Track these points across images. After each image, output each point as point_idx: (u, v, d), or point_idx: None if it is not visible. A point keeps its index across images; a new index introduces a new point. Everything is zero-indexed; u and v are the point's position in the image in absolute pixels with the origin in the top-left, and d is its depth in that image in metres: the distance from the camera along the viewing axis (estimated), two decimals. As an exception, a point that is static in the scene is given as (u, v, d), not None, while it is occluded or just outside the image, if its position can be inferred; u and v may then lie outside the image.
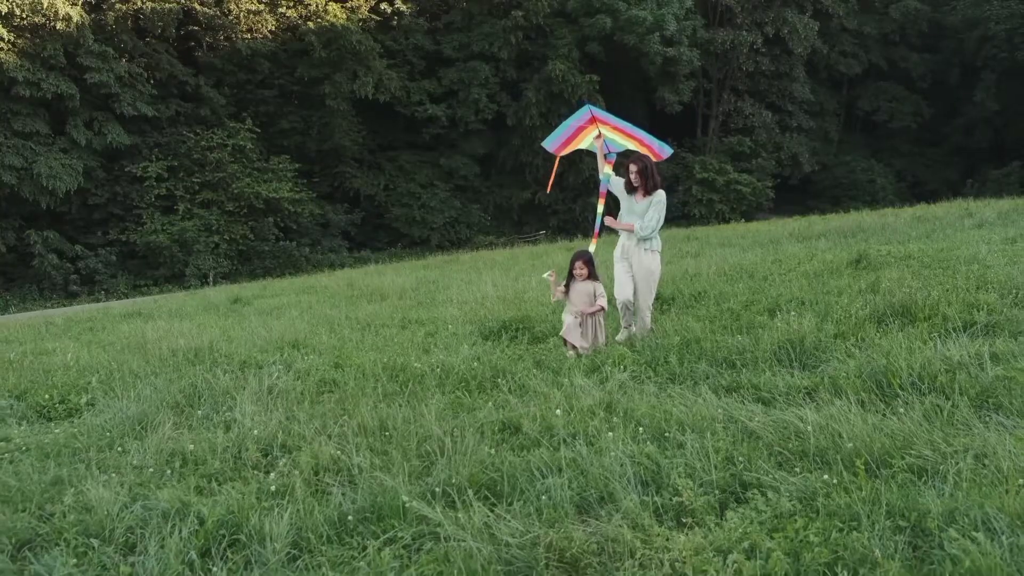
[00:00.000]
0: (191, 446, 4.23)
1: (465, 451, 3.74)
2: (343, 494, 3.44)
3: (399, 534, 3.07)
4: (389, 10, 40.53)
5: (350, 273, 19.91)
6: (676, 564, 2.66)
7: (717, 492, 3.27)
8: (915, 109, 51.43)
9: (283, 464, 3.91)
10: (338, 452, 3.92)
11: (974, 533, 2.61)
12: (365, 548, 3.00)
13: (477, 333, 7.56)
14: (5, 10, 31.41)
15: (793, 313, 6.42)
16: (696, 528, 2.96)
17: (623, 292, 7.23)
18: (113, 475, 3.89)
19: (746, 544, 2.72)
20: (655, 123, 46.62)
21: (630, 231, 7.33)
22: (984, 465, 3.17)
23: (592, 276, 6.98)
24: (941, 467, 3.22)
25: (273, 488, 3.56)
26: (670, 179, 44.96)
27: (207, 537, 3.17)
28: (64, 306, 27.45)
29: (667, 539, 2.85)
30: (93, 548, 3.22)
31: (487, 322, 7.99)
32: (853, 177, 48.67)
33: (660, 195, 7.42)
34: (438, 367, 5.90)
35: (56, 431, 5.22)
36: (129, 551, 3.22)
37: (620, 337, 7.24)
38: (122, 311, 14.13)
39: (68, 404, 5.95)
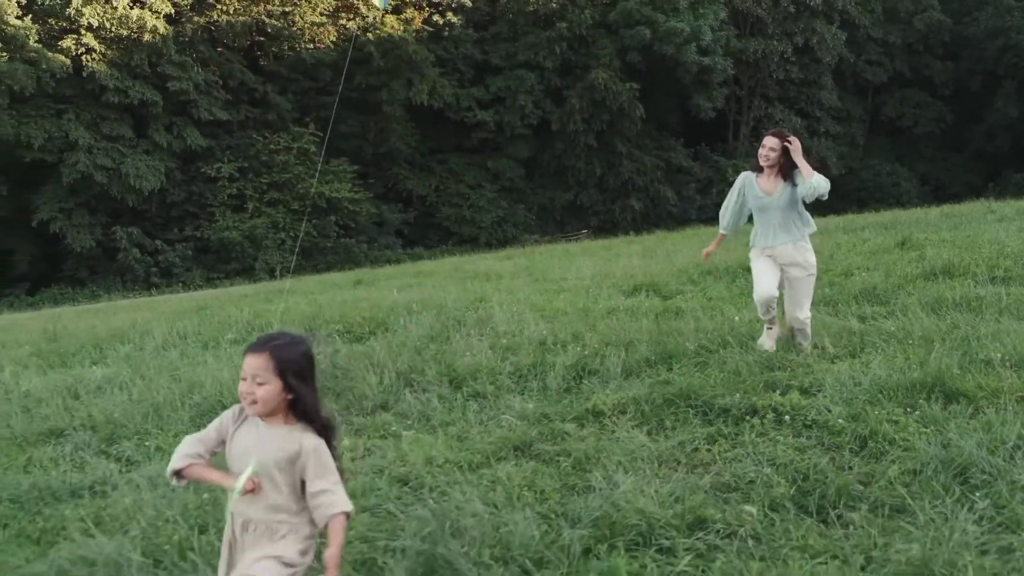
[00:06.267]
0: (504, 340, 6.79)
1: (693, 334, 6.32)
2: (626, 355, 5.97)
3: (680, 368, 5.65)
4: (441, 21, 43.15)
5: (455, 260, 22.46)
6: (835, 376, 5.14)
7: (850, 348, 5.78)
8: (938, 115, 53.65)
9: (573, 346, 6.44)
10: (616, 334, 6.49)
11: (996, 344, 5.12)
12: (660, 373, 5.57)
13: (619, 294, 10.06)
14: (96, 23, 34.30)
15: (864, 273, 8.91)
16: (845, 362, 5.46)
17: (767, 288, 5.95)
18: (467, 352, 6.44)
19: (878, 359, 5.22)
20: (689, 128, 49.13)
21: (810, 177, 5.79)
22: (1001, 335, 5.64)
23: (306, 412, 2.61)
24: (978, 335, 5.70)
25: (586, 353, 6.09)
26: (703, 182, 47.50)
27: (573, 368, 5.71)
28: (161, 295, 30.12)
29: (829, 367, 5.36)
30: (497, 380, 5.75)
31: (621, 286, 10.49)
32: (878, 180, 50.96)
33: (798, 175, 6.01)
34: (615, 308, 8.43)
35: (367, 344, 7.76)
36: (518, 380, 5.77)
37: (766, 344, 6.05)
38: (267, 291, 16.76)
39: (354, 333, 8.51)
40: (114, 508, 3.90)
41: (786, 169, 6.05)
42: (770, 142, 6.06)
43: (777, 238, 6.11)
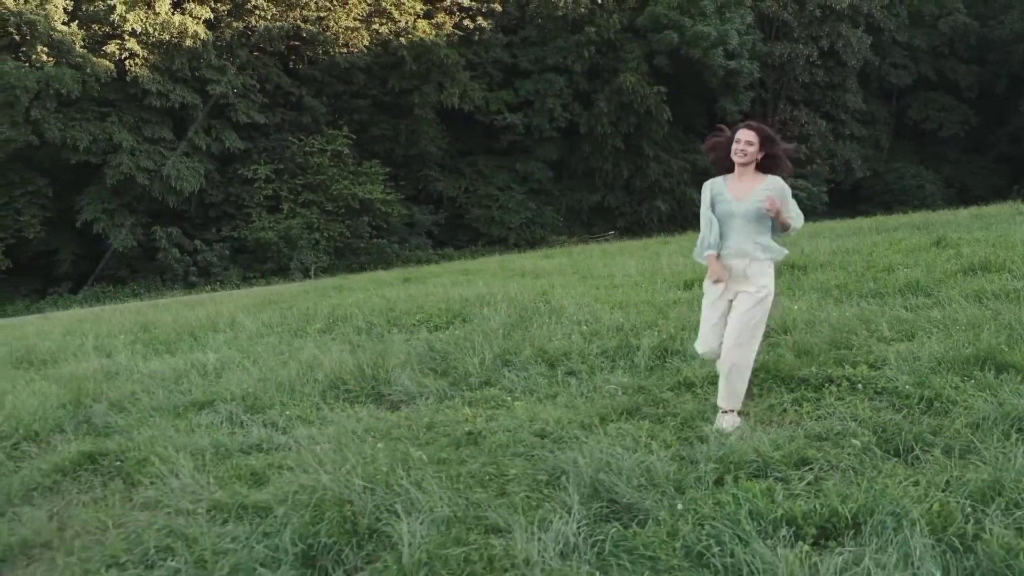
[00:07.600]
0: (584, 327, 7.51)
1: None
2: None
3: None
4: (471, 26, 43.95)
5: (497, 259, 23.22)
6: (896, 354, 5.83)
7: (904, 333, 6.47)
8: (963, 118, 53.97)
9: (650, 331, 7.16)
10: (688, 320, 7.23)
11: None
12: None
13: (674, 288, 10.75)
14: (139, 29, 35.32)
15: (905, 269, 9.57)
16: (902, 343, 6.15)
17: (708, 342, 4.97)
18: (552, 337, 7.17)
19: (932, 341, 5.91)
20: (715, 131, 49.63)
21: (786, 230, 4.88)
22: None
23: None
24: (1020, 320, 6.37)
25: (664, 337, 6.82)
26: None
27: (657, 349, 6.44)
28: (201, 293, 31.02)
29: (888, 347, 6.06)
30: (587, 360, 6.48)
31: (672, 281, 11.18)
32: (903, 183, 51.37)
33: (778, 181, 5.01)
34: (677, 300, 9.13)
35: (448, 332, 8.50)
36: (607, 360, 6.49)
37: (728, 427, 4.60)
38: (324, 287, 17.57)
39: (433, 323, 9.25)
40: (294, 459, 4.65)
41: (764, 169, 5.08)
42: (745, 135, 5.09)
43: (729, 249, 4.92)
